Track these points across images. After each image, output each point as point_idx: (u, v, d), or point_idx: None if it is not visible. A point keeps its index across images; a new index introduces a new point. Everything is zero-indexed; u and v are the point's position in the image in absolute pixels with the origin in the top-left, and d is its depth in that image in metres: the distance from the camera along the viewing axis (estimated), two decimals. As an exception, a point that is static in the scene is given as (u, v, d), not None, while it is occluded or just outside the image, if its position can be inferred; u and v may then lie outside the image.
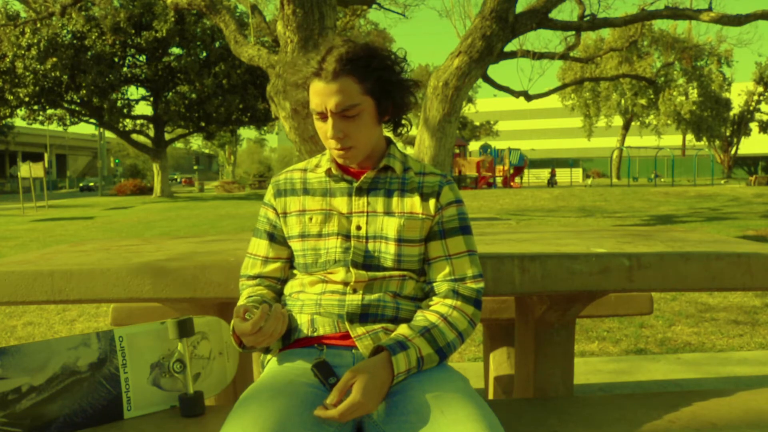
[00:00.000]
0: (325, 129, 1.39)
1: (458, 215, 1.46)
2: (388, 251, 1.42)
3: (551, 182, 34.63)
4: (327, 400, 1.19)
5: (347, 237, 1.43)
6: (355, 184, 1.45)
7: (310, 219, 1.45)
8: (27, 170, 22.67)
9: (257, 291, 1.46)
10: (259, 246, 1.52)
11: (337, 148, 1.39)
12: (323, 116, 1.38)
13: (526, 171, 36.09)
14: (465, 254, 1.44)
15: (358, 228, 1.43)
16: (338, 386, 1.20)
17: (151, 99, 30.54)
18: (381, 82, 1.37)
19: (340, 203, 1.45)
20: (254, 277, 1.51)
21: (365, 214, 1.44)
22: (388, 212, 1.44)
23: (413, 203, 1.45)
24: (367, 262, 1.42)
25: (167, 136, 32.78)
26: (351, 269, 1.40)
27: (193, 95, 28.05)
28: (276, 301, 1.48)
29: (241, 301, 1.44)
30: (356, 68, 1.34)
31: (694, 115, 40.15)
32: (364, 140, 1.40)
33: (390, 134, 1.52)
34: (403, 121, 1.48)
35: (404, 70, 1.42)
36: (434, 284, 1.43)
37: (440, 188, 1.46)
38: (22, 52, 24.87)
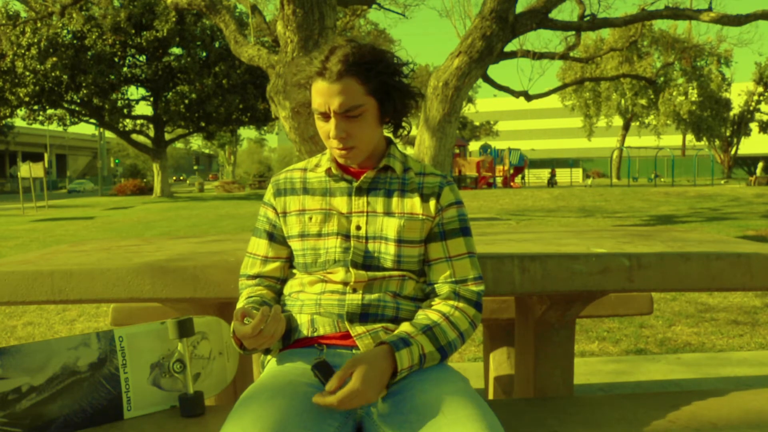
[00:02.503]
0: (327, 129, 1.38)
1: (458, 216, 1.46)
2: (387, 251, 1.42)
3: (551, 182, 34.62)
4: (326, 387, 1.19)
5: (347, 237, 1.42)
6: (355, 184, 1.45)
7: (310, 218, 1.45)
8: (27, 170, 22.67)
9: (257, 291, 1.46)
10: (259, 245, 1.51)
11: (339, 148, 1.39)
12: (325, 116, 1.38)
13: (526, 171, 36.08)
14: (465, 256, 1.44)
15: (358, 228, 1.43)
16: (338, 374, 1.20)
17: (151, 99, 30.54)
18: (385, 84, 1.37)
19: (340, 203, 1.45)
20: (254, 277, 1.51)
21: (365, 214, 1.44)
22: (388, 212, 1.44)
23: (413, 204, 1.45)
24: (367, 262, 1.41)
25: (167, 136, 32.78)
26: (350, 269, 1.40)
27: (193, 95, 28.03)
28: (276, 301, 1.48)
29: (241, 302, 1.44)
30: (360, 69, 1.34)
31: (694, 115, 40.13)
32: (366, 140, 1.40)
33: (390, 135, 1.52)
34: (404, 124, 1.48)
35: (407, 75, 1.42)
36: (435, 286, 1.43)
37: (440, 189, 1.46)
38: (22, 51, 24.87)
